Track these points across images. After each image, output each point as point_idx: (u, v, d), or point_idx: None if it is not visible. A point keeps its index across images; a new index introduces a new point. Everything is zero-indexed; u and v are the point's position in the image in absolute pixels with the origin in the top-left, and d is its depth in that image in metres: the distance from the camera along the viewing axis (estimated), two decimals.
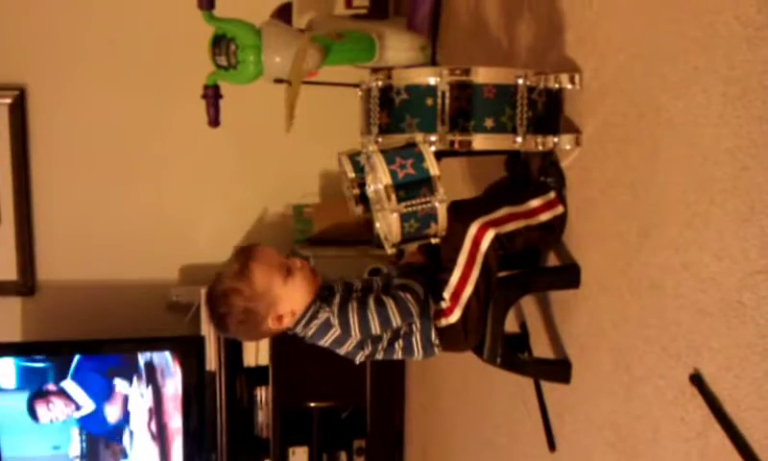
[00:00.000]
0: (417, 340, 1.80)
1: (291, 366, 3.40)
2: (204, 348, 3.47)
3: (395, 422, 3.63)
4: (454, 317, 1.77)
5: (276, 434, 3.50)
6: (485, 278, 1.77)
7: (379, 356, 1.82)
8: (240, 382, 3.56)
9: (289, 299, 1.75)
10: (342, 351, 1.80)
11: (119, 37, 3.59)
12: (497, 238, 1.76)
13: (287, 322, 1.76)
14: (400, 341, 1.80)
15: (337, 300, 1.75)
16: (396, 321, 1.72)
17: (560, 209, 1.88)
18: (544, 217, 1.86)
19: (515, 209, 1.84)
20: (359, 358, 1.82)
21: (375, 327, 1.72)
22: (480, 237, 1.76)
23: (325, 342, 1.78)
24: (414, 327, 1.78)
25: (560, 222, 1.89)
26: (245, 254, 1.76)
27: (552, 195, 1.89)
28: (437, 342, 1.80)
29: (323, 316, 1.75)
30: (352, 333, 1.73)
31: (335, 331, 1.75)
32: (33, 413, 3.43)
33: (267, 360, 3.48)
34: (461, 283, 1.77)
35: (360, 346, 1.78)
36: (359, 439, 3.61)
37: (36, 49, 3.55)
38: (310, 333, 1.78)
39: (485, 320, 1.80)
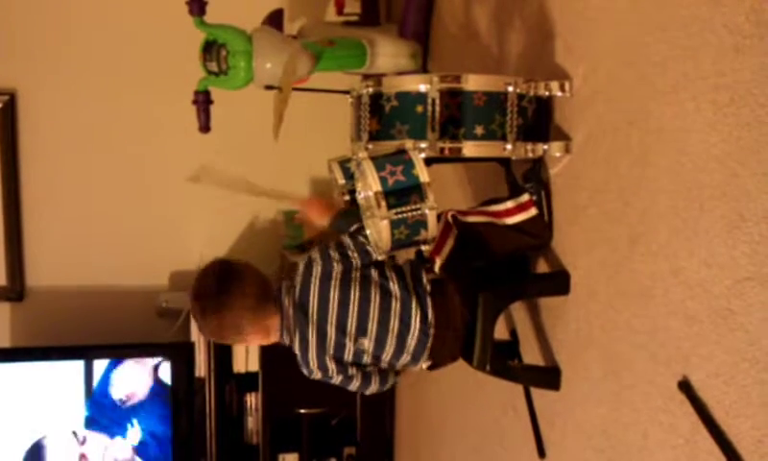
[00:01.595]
0: (407, 272, 1.86)
1: (281, 372, 3.38)
2: (193, 354, 3.46)
3: (385, 428, 3.63)
4: (436, 266, 1.82)
5: (266, 441, 3.49)
6: (464, 236, 1.82)
7: (373, 310, 1.82)
8: (230, 389, 3.54)
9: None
10: (334, 299, 1.82)
11: (110, 43, 3.58)
12: (454, 218, 1.83)
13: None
14: (394, 277, 1.84)
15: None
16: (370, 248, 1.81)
17: (532, 212, 1.89)
18: (515, 219, 1.88)
19: (480, 208, 1.89)
20: (353, 296, 1.82)
21: (352, 250, 1.82)
22: (446, 217, 1.84)
23: (314, 288, 1.82)
24: (405, 268, 1.87)
25: (536, 225, 1.89)
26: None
27: (525, 198, 1.89)
28: (428, 288, 1.83)
29: (301, 264, 1.87)
30: (332, 254, 1.82)
31: (317, 266, 1.83)
32: None
33: (257, 367, 3.47)
34: (440, 241, 1.82)
35: (347, 272, 1.82)
36: (349, 446, 3.60)
37: (26, 53, 3.54)
38: (298, 287, 1.84)
39: (471, 285, 1.83)
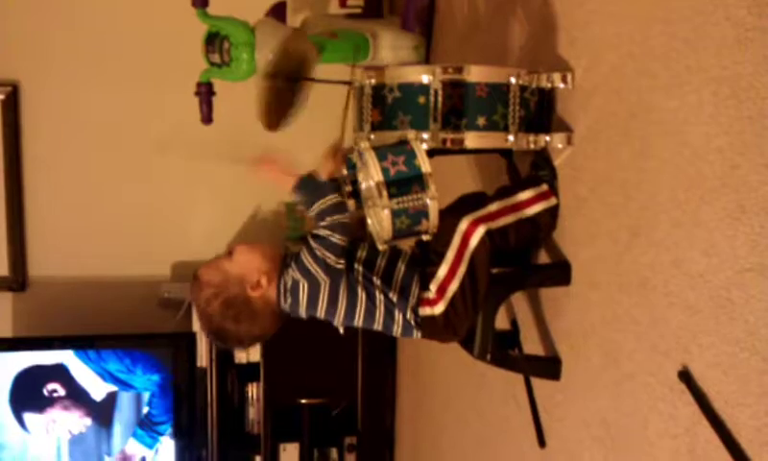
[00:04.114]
0: (397, 313, 1.81)
1: (282, 362, 3.41)
2: (195, 344, 3.47)
3: (386, 418, 3.64)
4: (438, 309, 1.78)
5: (267, 430, 3.50)
6: (471, 275, 1.76)
7: (359, 312, 1.82)
8: (231, 379, 3.56)
9: (248, 265, 1.83)
10: (322, 307, 1.81)
11: (112, 34, 3.58)
12: (489, 234, 1.76)
13: (265, 283, 1.81)
14: (382, 306, 1.81)
15: (293, 258, 1.82)
16: (335, 237, 1.75)
17: (553, 201, 1.88)
18: (536, 209, 1.87)
19: (505, 203, 1.84)
20: (341, 305, 1.82)
21: (324, 253, 1.75)
22: (470, 234, 1.76)
23: (303, 304, 1.81)
24: (393, 300, 1.80)
25: (552, 215, 1.90)
26: (192, 279, 1.88)
27: (544, 187, 1.89)
28: (413, 324, 1.81)
29: (288, 280, 1.81)
30: (311, 270, 1.77)
31: (303, 284, 1.79)
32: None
33: (258, 357, 3.48)
34: (448, 278, 1.77)
35: (335, 288, 1.79)
36: (350, 435, 3.62)
37: (29, 45, 3.54)
38: (288, 305, 1.83)
39: (468, 319, 1.80)
